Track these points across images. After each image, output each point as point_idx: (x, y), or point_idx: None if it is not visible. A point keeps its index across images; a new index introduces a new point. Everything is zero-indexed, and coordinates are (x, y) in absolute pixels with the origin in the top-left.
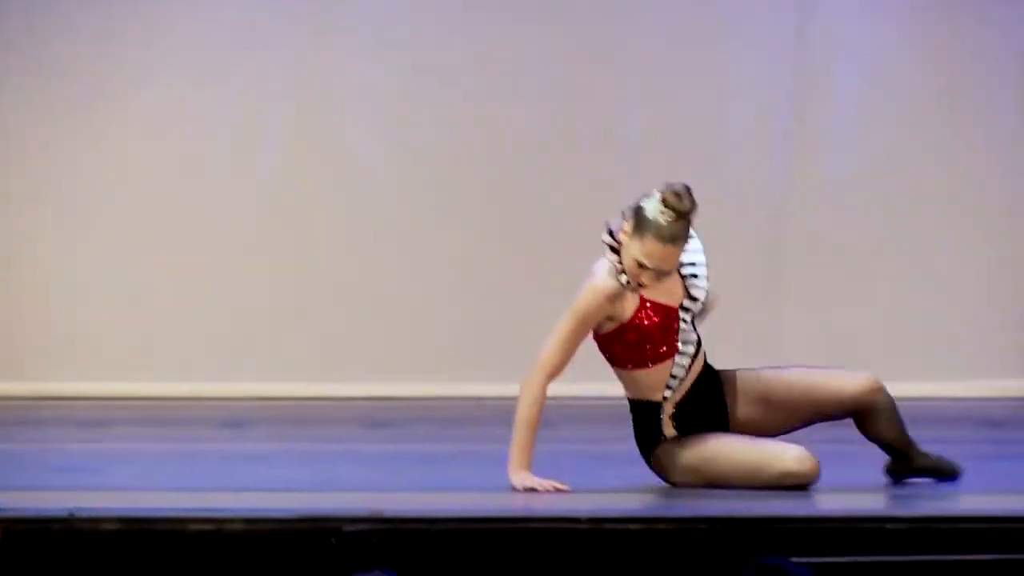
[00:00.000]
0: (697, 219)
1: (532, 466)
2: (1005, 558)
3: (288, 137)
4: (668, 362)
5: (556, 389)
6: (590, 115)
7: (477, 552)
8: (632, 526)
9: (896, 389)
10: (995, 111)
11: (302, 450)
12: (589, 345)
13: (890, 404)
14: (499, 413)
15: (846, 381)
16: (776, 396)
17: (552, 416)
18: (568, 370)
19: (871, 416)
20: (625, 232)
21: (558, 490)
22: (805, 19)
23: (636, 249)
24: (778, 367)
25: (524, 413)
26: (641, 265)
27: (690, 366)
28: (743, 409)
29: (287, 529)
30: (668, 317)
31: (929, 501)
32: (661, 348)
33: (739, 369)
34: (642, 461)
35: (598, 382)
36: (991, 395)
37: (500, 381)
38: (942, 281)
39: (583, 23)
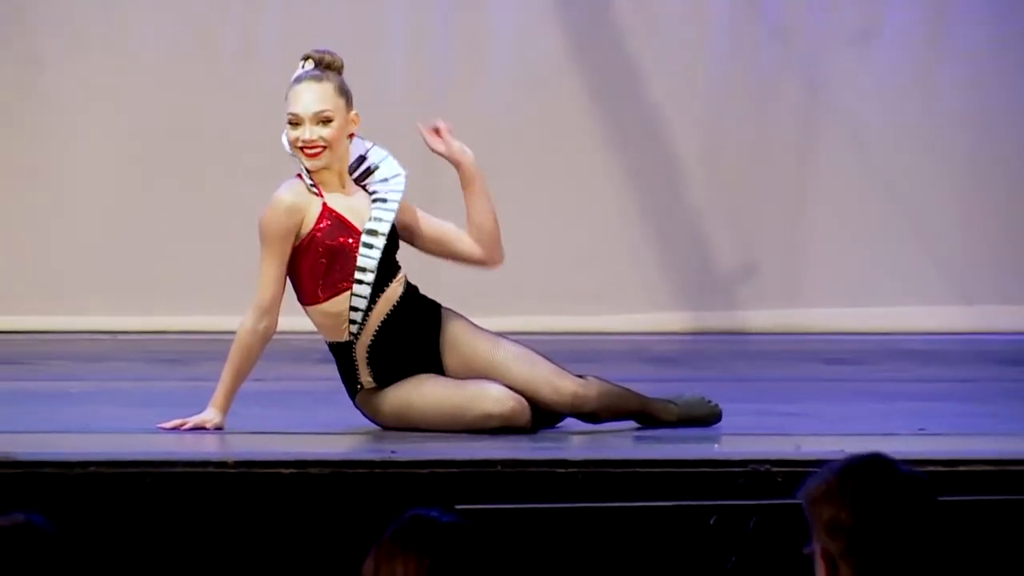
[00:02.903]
0: None
1: (230, 406)
2: (682, 504)
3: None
4: (345, 294)
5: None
6: None
7: (123, 495)
8: (284, 470)
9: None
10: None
11: None
12: None
13: (602, 402)
14: (135, 348)
15: (544, 392)
16: (476, 370)
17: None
18: None
19: (585, 418)
20: None
21: (200, 428)
22: None
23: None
24: (498, 338)
25: (230, 354)
26: (291, 123)
27: (374, 298)
28: (451, 360)
29: None
30: (345, 235)
31: (609, 447)
32: (336, 274)
33: (464, 319)
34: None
35: None
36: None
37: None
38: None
39: None
